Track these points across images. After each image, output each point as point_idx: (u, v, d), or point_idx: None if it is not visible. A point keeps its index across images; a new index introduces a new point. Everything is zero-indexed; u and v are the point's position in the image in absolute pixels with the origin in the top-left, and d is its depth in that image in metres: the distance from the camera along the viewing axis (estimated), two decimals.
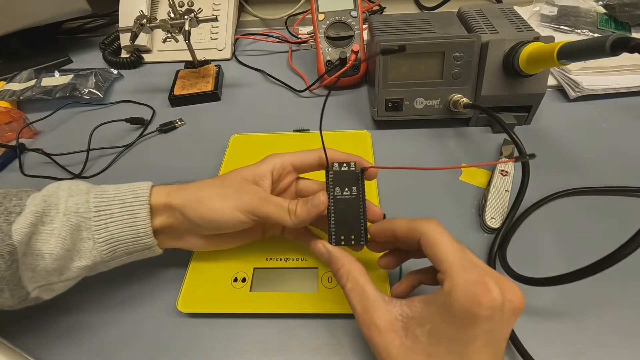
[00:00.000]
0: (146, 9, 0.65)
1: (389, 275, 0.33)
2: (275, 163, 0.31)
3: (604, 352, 0.29)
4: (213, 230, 0.31)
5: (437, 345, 0.22)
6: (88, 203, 0.28)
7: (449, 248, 0.23)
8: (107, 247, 0.28)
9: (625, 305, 0.31)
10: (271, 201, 0.29)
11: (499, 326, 0.21)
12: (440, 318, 0.22)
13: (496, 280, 0.21)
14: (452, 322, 0.21)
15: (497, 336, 0.21)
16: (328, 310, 0.31)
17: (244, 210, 0.29)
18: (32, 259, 0.26)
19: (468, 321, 0.21)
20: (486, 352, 0.21)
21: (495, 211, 0.37)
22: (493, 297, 0.20)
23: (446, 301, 0.21)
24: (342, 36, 0.55)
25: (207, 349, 0.31)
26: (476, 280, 0.21)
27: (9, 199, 0.27)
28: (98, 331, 0.32)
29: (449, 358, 0.21)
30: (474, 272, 0.21)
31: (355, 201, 0.28)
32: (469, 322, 0.21)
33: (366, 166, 0.29)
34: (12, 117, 0.52)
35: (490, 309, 0.20)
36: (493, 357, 0.21)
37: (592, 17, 0.62)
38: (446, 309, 0.21)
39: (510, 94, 0.45)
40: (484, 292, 0.20)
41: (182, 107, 0.57)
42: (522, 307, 0.22)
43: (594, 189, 0.40)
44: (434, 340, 0.22)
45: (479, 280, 0.21)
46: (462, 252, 0.23)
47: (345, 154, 0.31)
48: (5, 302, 0.26)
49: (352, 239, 0.29)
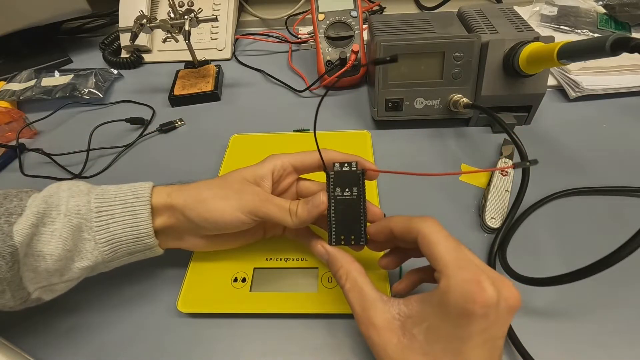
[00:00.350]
0: (146, 9, 0.65)
1: (389, 275, 0.33)
2: (276, 164, 0.31)
3: (604, 352, 0.29)
4: (214, 231, 0.31)
5: (434, 344, 0.22)
6: (89, 204, 0.28)
7: (445, 247, 0.23)
8: (109, 247, 0.28)
9: (625, 305, 0.31)
10: (272, 202, 0.29)
11: (495, 324, 0.21)
12: (436, 316, 0.22)
13: (492, 278, 0.21)
14: (448, 321, 0.21)
15: (493, 334, 0.21)
16: (328, 310, 0.31)
17: (245, 210, 0.29)
18: (33, 260, 0.26)
19: (463, 319, 0.21)
20: (483, 350, 0.21)
21: (495, 211, 0.37)
22: (488, 295, 0.20)
23: (442, 299, 0.22)
24: (342, 36, 0.55)
25: (207, 349, 0.31)
26: (471, 279, 0.21)
27: (9, 199, 0.27)
28: (98, 331, 0.32)
29: (445, 356, 0.22)
30: (470, 270, 0.21)
31: (356, 202, 0.28)
32: (464, 320, 0.21)
33: (367, 167, 0.29)
34: (12, 117, 0.52)
35: (485, 307, 0.20)
36: (490, 355, 0.22)
37: (592, 17, 0.62)
38: (442, 308, 0.22)
39: (510, 94, 0.45)
40: (478, 291, 0.20)
41: (182, 107, 0.57)
42: (518, 305, 0.22)
43: (594, 188, 0.40)
44: (431, 339, 0.22)
45: (474, 279, 0.21)
46: (458, 251, 0.23)
47: (346, 154, 0.31)
48: (7, 303, 0.26)
49: (352, 239, 0.29)
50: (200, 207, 0.29)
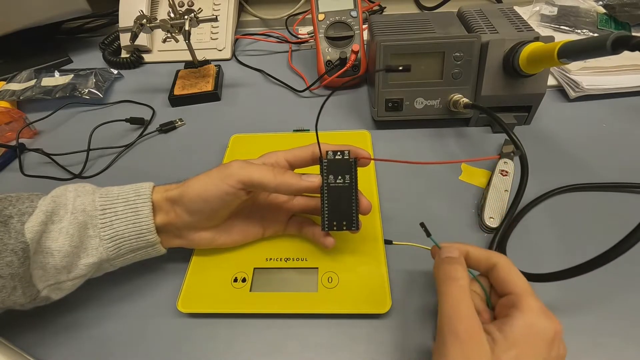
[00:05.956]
0: (146, 9, 0.65)
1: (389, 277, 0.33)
2: (270, 158, 0.32)
3: (603, 349, 0.29)
4: (205, 210, 0.31)
5: None
6: (94, 202, 0.30)
7: (521, 278, 0.26)
8: (113, 243, 0.29)
9: (624, 301, 0.31)
10: (253, 164, 0.30)
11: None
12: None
13: None
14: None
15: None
16: (328, 310, 0.31)
17: (227, 178, 0.29)
18: (42, 257, 0.27)
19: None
20: None
21: (494, 211, 0.37)
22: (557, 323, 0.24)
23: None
24: (342, 36, 0.55)
25: (207, 349, 0.31)
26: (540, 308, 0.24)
27: (21, 201, 0.28)
28: (98, 332, 0.32)
29: None
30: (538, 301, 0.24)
31: (348, 189, 0.30)
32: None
33: (360, 155, 0.30)
34: (12, 117, 0.52)
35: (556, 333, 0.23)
36: None
37: (592, 17, 0.62)
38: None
39: (510, 94, 0.45)
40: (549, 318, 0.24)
41: (182, 107, 0.57)
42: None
43: (593, 185, 0.40)
44: None
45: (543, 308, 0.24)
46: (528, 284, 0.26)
47: (339, 145, 0.31)
48: (18, 300, 0.27)
49: (344, 225, 0.30)
50: (189, 189, 0.30)
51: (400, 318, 0.31)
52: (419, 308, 0.32)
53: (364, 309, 0.31)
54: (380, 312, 0.31)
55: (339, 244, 0.34)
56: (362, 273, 0.33)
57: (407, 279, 0.34)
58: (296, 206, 0.36)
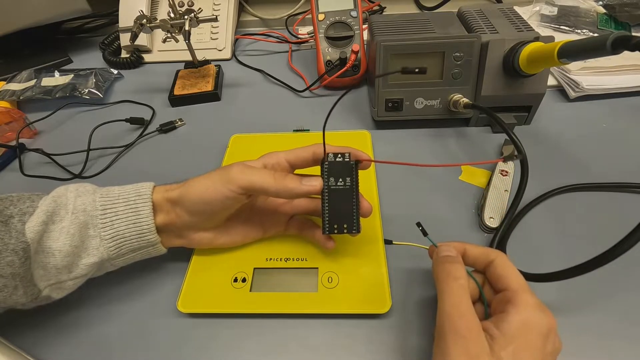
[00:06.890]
0: (146, 9, 0.65)
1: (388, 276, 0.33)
2: (271, 158, 0.32)
3: (604, 348, 0.29)
4: (205, 212, 0.31)
5: None
6: (95, 202, 0.30)
7: (517, 274, 0.26)
8: (113, 243, 0.30)
9: (624, 301, 0.31)
10: (254, 168, 0.30)
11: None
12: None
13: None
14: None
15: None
16: (328, 310, 0.31)
17: (227, 182, 0.29)
18: (43, 257, 0.27)
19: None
20: None
21: (494, 211, 0.37)
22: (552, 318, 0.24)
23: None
24: (342, 36, 0.55)
25: (207, 349, 0.31)
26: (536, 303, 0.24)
27: (22, 201, 0.28)
28: (98, 332, 0.32)
29: None
30: (534, 296, 0.25)
31: (349, 191, 0.30)
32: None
33: (361, 158, 0.30)
34: (12, 117, 0.52)
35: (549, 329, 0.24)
36: None
37: (592, 17, 0.62)
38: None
39: (510, 94, 0.45)
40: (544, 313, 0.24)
41: (182, 107, 0.57)
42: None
43: (593, 185, 0.40)
44: None
45: (538, 303, 0.24)
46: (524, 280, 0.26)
47: (340, 146, 0.31)
48: (19, 299, 0.27)
49: (345, 228, 0.30)
50: (189, 191, 0.30)
51: (400, 318, 0.31)
52: (419, 308, 0.32)
53: (364, 309, 0.31)
54: (380, 312, 0.31)
55: (339, 244, 0.34)
56: (362, 273, 0.33)
57: (407, 279, 0.34)
58: (296, 207, 0.36)
